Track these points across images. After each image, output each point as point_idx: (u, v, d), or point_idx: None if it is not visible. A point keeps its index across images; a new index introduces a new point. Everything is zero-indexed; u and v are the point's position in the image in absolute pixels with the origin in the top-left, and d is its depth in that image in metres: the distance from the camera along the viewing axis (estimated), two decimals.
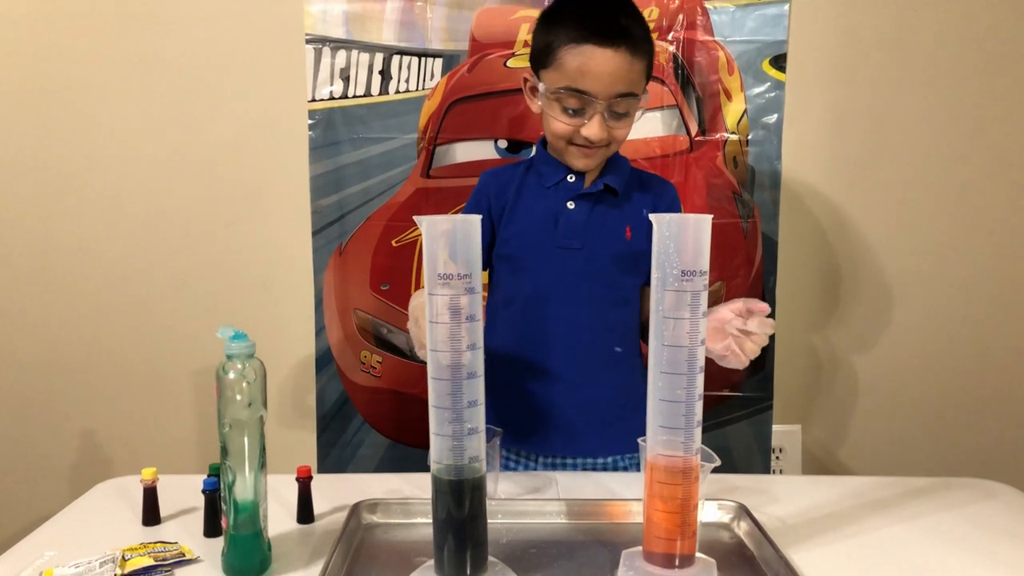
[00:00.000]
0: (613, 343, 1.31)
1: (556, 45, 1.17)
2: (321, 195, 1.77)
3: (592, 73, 1.14)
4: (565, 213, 1.27)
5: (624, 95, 1.17)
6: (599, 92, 1.15)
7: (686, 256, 0.80)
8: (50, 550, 0.98)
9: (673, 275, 0.80)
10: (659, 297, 0.82)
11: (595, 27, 1.15)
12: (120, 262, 1.98)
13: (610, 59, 1.14)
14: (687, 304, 0.81)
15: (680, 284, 0.80)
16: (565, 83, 1.16)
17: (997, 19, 1.89)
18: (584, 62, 1.14)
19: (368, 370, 1.82)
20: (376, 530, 1.05)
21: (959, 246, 1.98)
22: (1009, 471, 1.98)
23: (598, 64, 1.14)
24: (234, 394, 0.87)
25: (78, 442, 2.04)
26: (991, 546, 1.02)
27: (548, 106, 1.21)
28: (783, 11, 1.69)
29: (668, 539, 0.85)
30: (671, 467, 0.83)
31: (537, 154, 1.33)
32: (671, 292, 0.81)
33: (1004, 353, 2.02)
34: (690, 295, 0.80)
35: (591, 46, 1.14)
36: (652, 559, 0.86)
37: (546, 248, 1.27)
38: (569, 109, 1.18)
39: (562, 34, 1.16)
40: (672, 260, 0.80)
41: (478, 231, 0.81)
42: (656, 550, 0.86)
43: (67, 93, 1.93)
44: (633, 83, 1.17)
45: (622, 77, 1.15)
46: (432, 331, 0.81)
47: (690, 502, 0.84)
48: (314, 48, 1.73)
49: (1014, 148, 1.94)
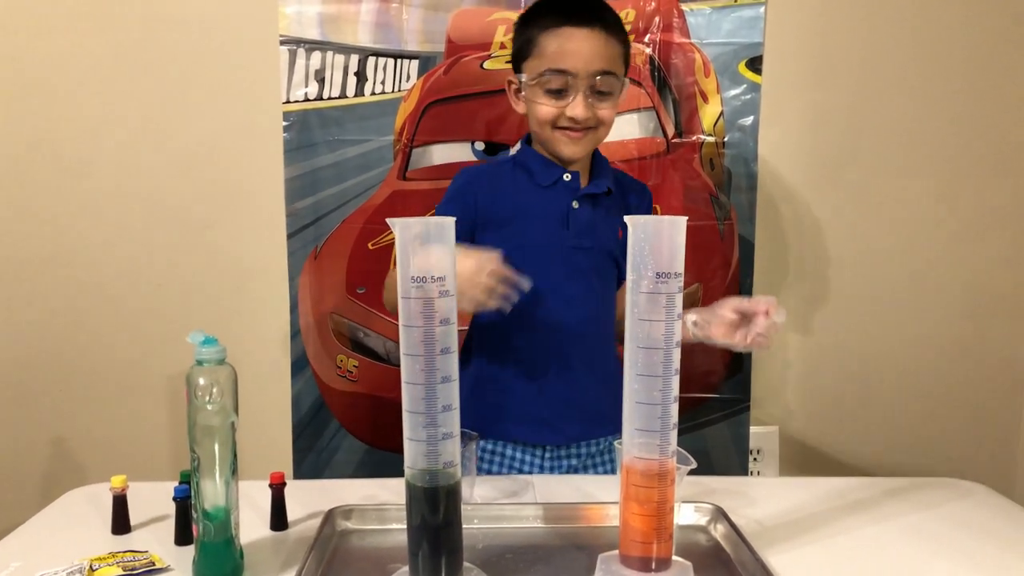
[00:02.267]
0: (611, 335, 1.35)
1: (535, 35, 1.23)
2: (296, 198, 1.75)
3: (571, 52, 1.20)
4: (573, 213, 1.29)
5: (605, 73, 1.21)
6: (579, 69, 1.20)
7: (661, 258, 0.79)
8: (16, 560, 0.96)
9: (648, 277, 0.80)
10: (634, 299, 0.81)
11: (570, 11, 1.21)
12: (92, 265, 1.95)
13: (587, 37, 1.20)
14: (662, 306, 0.80)
15: (655, 286, 0.80)
16: (546, 66, 1.21)
17: (972, 20, 1.91)
18: (562, 43, 1.20)
19: (344, 374, 1.81)
20: (351, 536, 1.04)
21: (935, 247, 2.00)
22: (984, 471, 2.00)
23: (576, 43, 1.20)
24: (204, 400, 0.85)
25: (48, 449, 2.01)
26: (967, 545, 1.02)
27: (532, 94, 1.25)
28: (759, 13, 1.69)
29: (644, 542, 0.84)
30: (647, 470, 0.83)
31: (523, 153, 1.34)
32: (645, 294, 0.80)
33: (980, 354, 2.04)
34: (665, 297, 0.80)
35: (568, 28, 1.20)
36: (628, 563, 0.85)
37: (556, 247, 1.29)
38: (552, 91, 1.22)
39: (540, 24, 1.23)
40: (647, 262, 0.80)
41: (452, 233, 0.80)
42: (632, 554, 0.85)
43: (36, 96, 1.90)
44: (612, 62, 1.22)
45: (600, 54, 1.21)
46: (405, 335, 0.80)
47: (666, 505, 0.84)
48: (289, 49, 1.72)
49: (990, 148, 1.96)
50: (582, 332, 1.30)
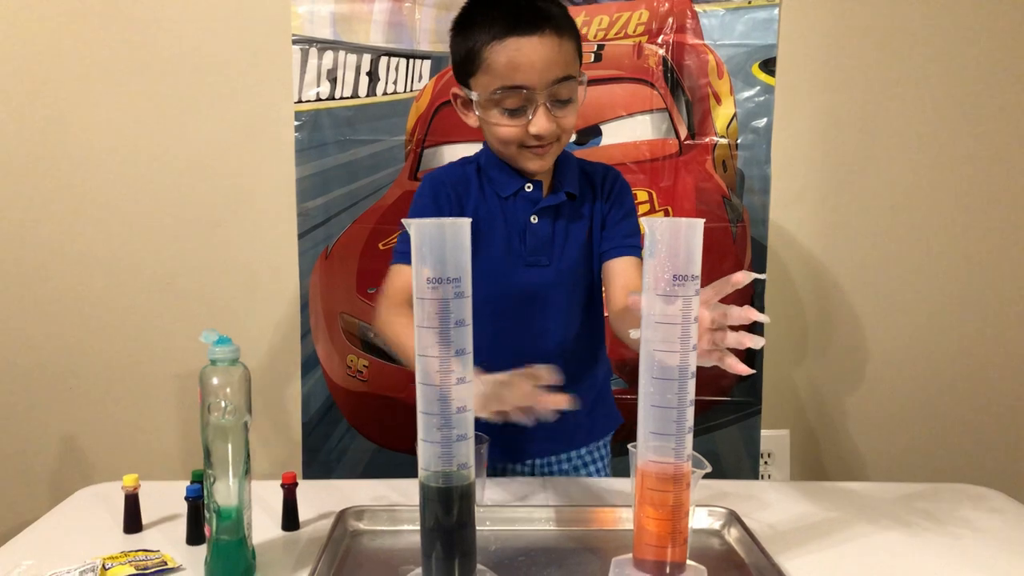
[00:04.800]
0: (585, 347, 1.30)
1: (478, 47, 1.11)
2: (307, 197, 1.75)
3: (523, 65, 1.08)
4: (531, 229, 1.22)
5: (562, 79, 1.10)
6: (536, 83, 1.09)
7: (677, 261, 0.79)
8: (29, 558, 0.96)
9: (665, 280, 0.79)
10: (650, 302, 0.81)
11: (513, 18, 1.09)
12: (104, 264, 1.96)
13: (537, 46, 1.08)
14: (679, 310, 0.79)
15: (672, 289, 0.79)
16: (498, 83, 1.10)
17: (987, 22, 1.90)
18: (512, 56, 1.08)
19: (355, 375, 1.80)
20: (362, 537, 1.03)
21: (950, 251, 1.99)
22: (998, 476, 1.99)
23: (527, 54, 1.08)
24: (218, 399, 0.85)
25: (59, 447, 2.01)
26: (981, 551, 1.01)
27: (487, 113, 1.14)
28: (773, 15, 1.69)
29: (659, 546, 0.83)
30: (662, 473, 0.82)
31: (485, 159, 1.26)
32: (662, 297, 0.80)
33: (995, 359, 2.02)
34: (681, 301, 0.79)
35: (514, 38, 1.08)
36: (643, 567, 0.85)
37: (513, 264, 1.22)
38: (509, 110, 1.12)
39: (481, 34, 1.11)
40: (663, 265, 0.79)
41: (467, 234, 0.80)
42: (647, 557, 0.84)
43: (51, 94, 1.91)
44: (568, 65, 1.12)
45: (555, 61, 1.09)
46: (420, 336, 0.80)
47: (681, 509, 0.83)
48: (301, 49, 1.72)
49: (1006, 151, 1.95)
50: (544, 347, 1.23)
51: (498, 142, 1.17)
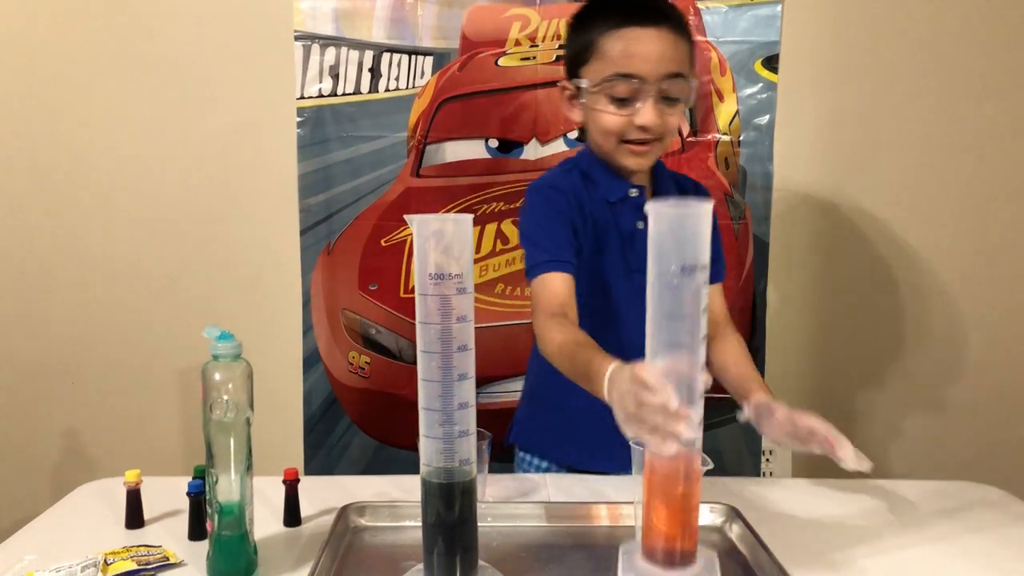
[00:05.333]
0: None
1: (595, 37, 1.12)
2: (309, 194, 1.75)
3: (639, 54, 1.09)
4: (638, 235, 1.20)
5: (674, 75, 1.10)
6: (648, 73, 1.09)
7: (686, 250, 0.76)
8: (30, 553, 0.96)
9: (672, 271, 0.77)
10: (658, 294, 0.78)
11: (634, 10, 1.11)
12: (105, 260, 1.96)
13: (654, 38, 1.09)
14: (688, 301, 0.77)
15: (680, 280, 0.77)
16: (611, 70, 1.10)
17: (990, 19, 1.90)
18: (628, 44, 1.09)
19: (356, 371, 1.81)
20: (364, 533, 1.03)
21: (952, 247, 1.98)
22: (1001, 475, 1.98)
23: (644, 44, 1.09)
24: (220, 395, 0.85)
25: (61, 442, 2.01)
26: (983, 549, 1.01)
27: (594, 102, 1.14)
28: (776, 12, 1.68)
29: (668, 538, 0.82)
30: (673, 468, 0.81)
31: (587, 161, 1.24)
32: (670, 289, 0.77)
33: (999, 355, 2.02)
34: (691, 292, 0.77)
35: (633, 28, 1.09)
36: (653, 557, 0.83)
37: (621, 271, 1.21)
38: (617, 99, 1.11)
39: (600, 24, 1.12)
40: (670, 255, 0.76)
41: (470, 230, 0.80)
42: (657, 548, 0.83)
43: (53, 91, 1.91)
44: (681, 63, 1.12)
45: (670, 56, 1.10)
46: (422, 332, 0.80)
47: (692, 501, 0.82)
48: (303, 45, 1.72)
49: (1009, 148, 1.94)
50: None
51: (600, 134, 1.16)
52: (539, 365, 1.32)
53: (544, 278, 1.14)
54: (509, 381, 1.78)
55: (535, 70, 1.71)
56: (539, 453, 1.35)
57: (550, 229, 1.17)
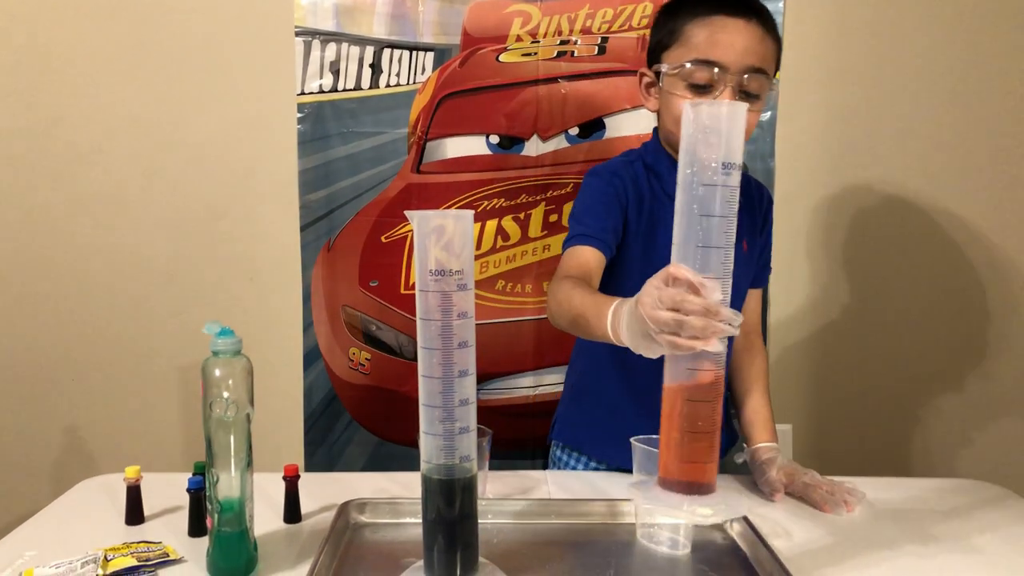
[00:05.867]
0: None
1: (681, 23, 1.11)
2: (310, 190, 1.75)
3: (723, 43, 1.08)
4: None
5: (756, 71, 1.09)
6: (731, 63, 1.07)
7: (725, 147, 0.74)
8: (31, 549, 0.96)
9: (711, 168, 0.74)
10: (692, 194, 0.75)
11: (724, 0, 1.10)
12: (105, 256, 1.96)
13: (742, 29, 1.08)
14: (725, 201, 0.75)
15: (718, 178, 0.74)
16: (693, 55, 1.09)
17: (991, 15, 1.89)
18: (713, 32, 1.08)
19: (357, 367, 1.80)
20: (364, 530, 1.03)
21: (955, 245, 1.98)
22: (1005, 473, 1.98)
23: (729, 33, 1.08)
24: (220, 391, 0.85)
25: (61, 439, 2.01)
26: (982, 547, 1.01)
27: (672, 86, 1.12)
28: (777, 8, 1.68)
29: (694, 463, 0.79)
30: (701, 382, 0.78)
31: (652, 153, 1.24)
32: (708, 187, 0.74)
33: (1000, 354, 2.01)
34: (728, 191, 0.75)
35: (721, 17, 1.08)
36: (671, 487, 0.81)
37: None
38: (696, 85, 1.10)
39: (689, 12, 1.11)
40: (710, 152, 0.74)
41: (471, 226, 0.79)
42: (678, 478, 0.80)
43: (52, 86, 1.90)
44: (765, 60, 1.10)
45: (754, 49, 1.08)
46: (422, 328, 0.80)
47: (716, 420, 0.79)
48: (304, 41, 1.72)
49: (1009, 144, 1.94)
50: None
51: (674, 121, 1.12)
52: (585, 362, 1.32)
53: (575, 249, 1.14)
54: (510, 377, 1.78)
55: (536, 66, 1.71)
56: (580, 451, 1.34)
57: (597, 210, 1.17)
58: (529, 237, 1.75)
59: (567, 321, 1.05)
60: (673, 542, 0.96)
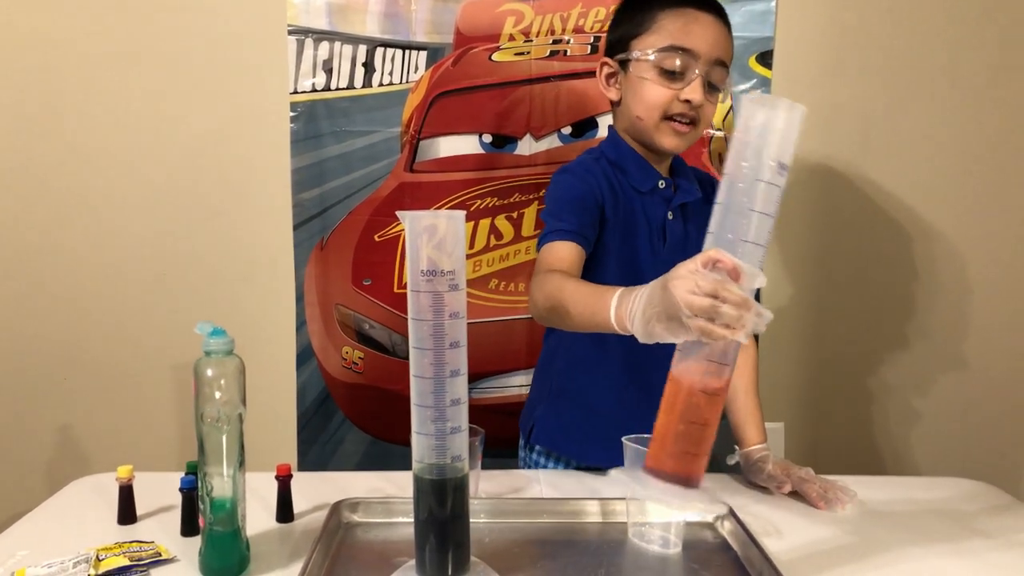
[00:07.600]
0: None
1: (653, 13, 1.16)
2: (303, 188, 1.75)
3: (696, 32, 1.14)
4: (668, 226, 1.23)
5: (722, 63, 1.16)
6: (703, 52, 1.14)
7: (781, 146, 0.75)
8: (22, 549, 0.96)
9: (770, 167, 0.74)
10: (750, 192, 0.75)
11: None
12: (97, 256, 1.95)
13: (712, 23, 1.15)
14: (775, 200, 0.75)
15: (773, 176, 0.75)
16: (667, 42, 1.14)
17: (987, 14, 1.90)
18: (687, 22, 1.14)
19: (350, 366, 1.81)
20: (357, 529, 1.03)
21: (951, 244, 1.98)
22: (993, 470, 1.99)
23: (701, 25, 1.14)
24: (212, 391, 0.85)
25: (53, 438, 2.00)
26: (972, 545, 1.02)
27: (643, 72, 1.16)
28: (770, 7, 1.69)
29: (687, 454, 0.79)
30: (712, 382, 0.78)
31: (616, 149, 1.25)
32: (766, 185, 0.74)
33: (992, 353, 2.02)
34: (778, 191, 0.75)
35: (693, 9, 1.15)
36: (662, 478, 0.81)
37: (650, 262, 1.21)
38: (667, 71, 1.15)
39: (660, 3, 1.16)
40: (769, 150, 0.75)
41: (462, 226, 0.80)
42: (671, 469, 0.80)
43: (43, 84, 1.90)
44: (727, 55, 1.18)
45: (721, 44, 1.16)
46: (414, 328, 0.80)
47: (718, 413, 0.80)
48: (296, 39, 1.71)
49: (1006, 143, 1.94)
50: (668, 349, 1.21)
51: (644, 108, 1.18)
52: (566, 363, 1.32)
53: (554, 244, 1.15)
54: (502, 377, 1.78)
55: (529, 65, 1.71)
56: (558, 452, 1.34)
57: (573, 206, 1.18)
58: (522, 236, 1.75)
59: (557, 313, 1.05)
60: (664, 541, 0.97)
